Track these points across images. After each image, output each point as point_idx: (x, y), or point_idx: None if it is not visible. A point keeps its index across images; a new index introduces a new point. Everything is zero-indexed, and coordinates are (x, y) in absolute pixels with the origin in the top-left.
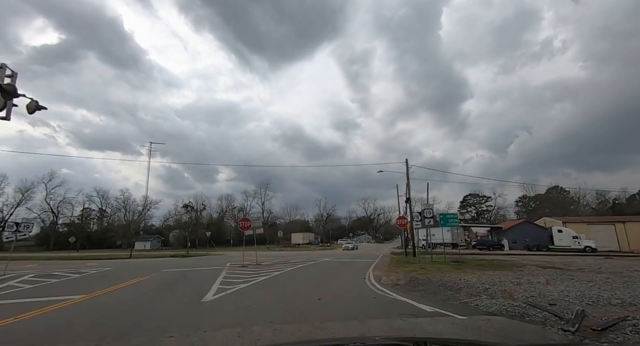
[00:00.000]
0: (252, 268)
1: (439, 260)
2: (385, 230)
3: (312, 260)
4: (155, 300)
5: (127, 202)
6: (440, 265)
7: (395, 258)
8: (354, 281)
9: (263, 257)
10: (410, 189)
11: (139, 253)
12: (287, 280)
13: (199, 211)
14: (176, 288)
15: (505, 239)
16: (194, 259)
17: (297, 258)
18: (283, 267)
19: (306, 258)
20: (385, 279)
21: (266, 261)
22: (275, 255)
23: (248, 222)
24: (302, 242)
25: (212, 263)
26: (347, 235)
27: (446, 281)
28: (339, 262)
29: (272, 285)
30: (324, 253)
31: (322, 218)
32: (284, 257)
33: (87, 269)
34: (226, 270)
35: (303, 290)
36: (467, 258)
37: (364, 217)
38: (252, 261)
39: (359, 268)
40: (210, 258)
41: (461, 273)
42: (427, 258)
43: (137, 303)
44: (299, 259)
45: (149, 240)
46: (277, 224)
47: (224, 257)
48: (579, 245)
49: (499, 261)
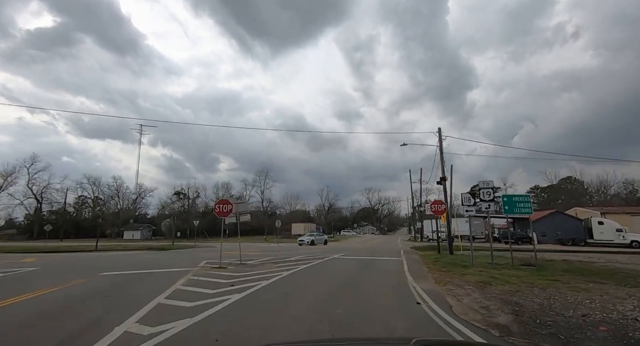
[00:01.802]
0: (230, 271)
1: (499, 262)
2: (388, 221)
3: (316, 257)
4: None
5: (119, 190)
6: (509, 270)
7: (425, 255)
8: (404, 311)
9: (255, 250)
10: (444, 169)
11: (117, 244)
12: (278, 305)
13: (192, 199)
14: (42, 328)
15: (533, 232)
16: (170, 254)
17: (296, 254)
18: (275, 271)
19: (307, 253)
20: (457, 306)
21: (255, 259)
22: (270, 249)
23: (228, 205)
24: (303, 232)
25: (183, 262)
26: (349, 226)
27: (578, 311)
28: (354, 262)
29: (242, 323)
30: (329, 247)
31: (324, 208)
32: (280, 252)
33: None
34: (190, 276)
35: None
36: (522, 257)
37: (368, 208)
38: (244, 257)
39: (390, 275)
40: (190, 252)
41: (576, 291)
42: (463, 255)
43: None
44: (298, 255)
45: (139, 229)
46: (277, 214)
47: (208, 251)
48: (623, 239)
49: (582, 263)
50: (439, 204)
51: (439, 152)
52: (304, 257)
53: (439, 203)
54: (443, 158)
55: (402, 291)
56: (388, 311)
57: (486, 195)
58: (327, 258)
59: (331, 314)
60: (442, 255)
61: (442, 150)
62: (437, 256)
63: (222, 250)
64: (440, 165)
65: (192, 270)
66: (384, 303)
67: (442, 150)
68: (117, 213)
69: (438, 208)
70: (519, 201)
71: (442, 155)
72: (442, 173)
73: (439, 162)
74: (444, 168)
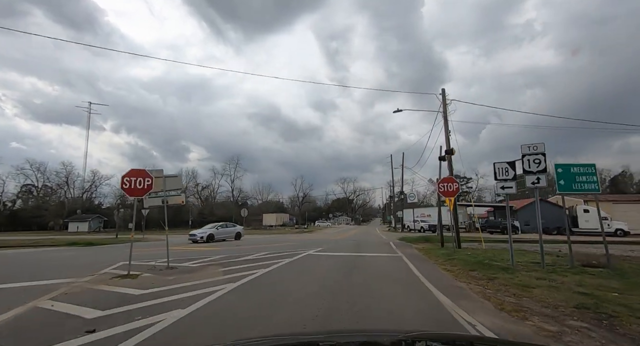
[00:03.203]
0: (135, 285)
1: (535, 260)
2: (363, 212)
3: (286, 253)
4: None
5: (69, 177)
6: (580, 275)
7: (426, 250)
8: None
9: (208, 246)
10: (449, 139)
11: (34, 239)
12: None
13: None
14: None
15: (517, 221)
16: (91, 251)
17: (261, 250)
18: (214, 282)
19: (275, 248)
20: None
21: (199, 259)
22: (229, 244)
23: (145, 179)
24: (275, 223)
25: (87, 264)
26: (324, 216)
27: None
28: (337, 261)
29: None
30: (302, 239)
31: (297, 198)
32: (240, 247)
33: None
34: (47, 298)
35: None
36: (574, 252)
37: (343, 198)
38: (187, 256)
39: (403, 288)
40: (122, 248)
41: None
42: (477, 250)
43: None
44: (261, 252)
45: (87, 221)
46: (247, 204)
47: (151, 246)
48: (608, 227)
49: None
50: (449, 183)
51: (443, 118)
52: (267, 255)
53: (450, 182)
54: (448, 125)
55: (451, 323)
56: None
57: (534, 164)
58: (300, 255)
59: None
60: (448, 249)
61: (446, 117)
62: (445, 251)
63: (154, 247)
64: (445, 135)
65: (78, 282)
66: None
67: (447, 116)
68: (62, 203)
69: (448, 187)
70: (581, 173)
71: (447, 122)
72: (446, 145)
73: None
74: (449, 139)
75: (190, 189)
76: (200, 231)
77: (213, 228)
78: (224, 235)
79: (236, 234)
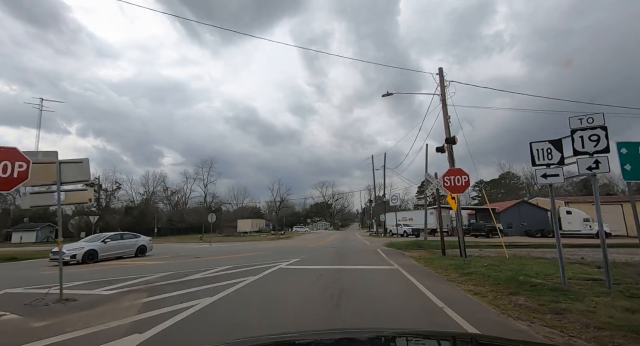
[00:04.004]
0: None
1: (588, 275)
2: (341, 217)
3: (251, 268)
4: None
5: None
6: None
7: (426, 259)
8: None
9: (158, 259)
10: (449, 126)
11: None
12: None
13: (110, 191)
14: None
15: (499, 223)
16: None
17: (222, 263)
18: (112, 335)
19: (241, 260)
20: None
21: (118, 285)
22: (188, 254)
23: (15, 162)
24: (250, 229)
25: None
26: (302, 221)
27: None
28: (321, 280)
29: None
30: (276, 246)
31: (275, 203)
32: (198, 260)
33: None
34: None
35: None
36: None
37: (322, 203)
38: (126, 274)
39: (429, 323)
40: (45, 263)
41: None
42: (481, 258)
43: None
44: (222, 266)
45: (35, 230)
46: (221, 210)
47: None
48: (590, 229)
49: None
50: (457, 175)
51: (441, 102)
52: (226, 271)
53: (458, 174)
54: (447, 110)
55: None
56: None
57: (589, 142)
58: (269, 270)
59: None
60: (453, 258)
61: (444, 100)
62: (451, 261)
63: None
64: (444, 121)
65: None
66: None
67: (445, 99)
68: (6, 210)
69: (456, 181)
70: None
71: (446, 107)
72: (446, 132)
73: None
74: (448, 126)
75: (158, 194)
76: (73, 247)
77: (97, 241)
78: (116, 251)
79: (138, 249)
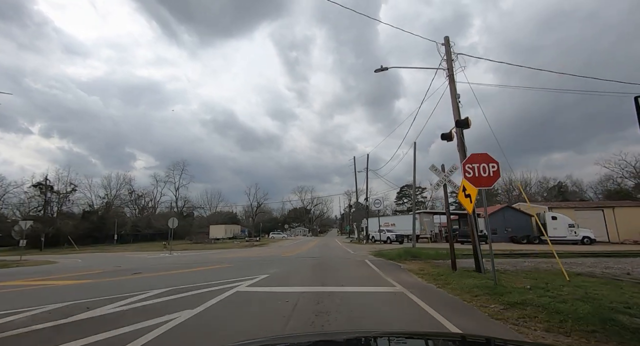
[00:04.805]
0: None
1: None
2: (320, 222)
3: (195, 292)
4: None
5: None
6: None
7: (433, 273)
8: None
9: (80, 276)
10: (458, 105)
11: None
12: None
13: (62, 194)
14: None
15: (482, 229)
16: None
17: (161, 283)
18: None
19: (188, 279)
20: None
21: (26, 313)
22: (132, 267)
23: None
24: (223, 235)
25: None
26: (280, 227)
27: None
28: (295, 319)
29: None
30: (246, 256)
31: (251, 208)
32: (133, 278)
33: None
34: None
35: None
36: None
37: (300, 208)
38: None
39: None
40: None
41: None
42: (506, 273)
43: None
44: (157, 288)
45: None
46: (193, 215)
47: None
48: (575, 235)
49: None
50: (483, 162)
51: (447, 78)
52: (154, 299)
53: (484, 161)
54: (455, 87)
55: None
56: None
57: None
58: (216, 298)
59: None
60: (470, 273)
61: (452, 75)
62: (473, 280)
63: None
64: (452, 100)
65: None
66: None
67: (453, 74)
68: None
69: (481, 171)
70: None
71: (454, 83)
72: (455, 114)
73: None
74: (457, 106)
75: (123, 197)
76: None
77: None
78: None
79: None
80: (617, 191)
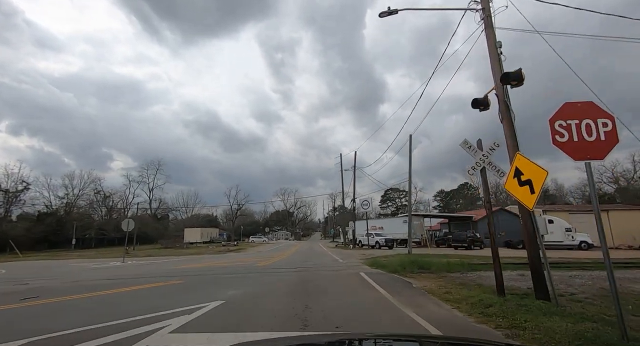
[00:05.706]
0: None
1: None
2: (303, 226)
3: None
4: None
5: None
6: None
7: (462, 297)
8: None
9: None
10: (501, 59)
11: None
12: None
13: (12, 193)
14: None
15: (477, 233)
16: None
17: (48, 318)
18: None
19: (99, 310)
20: None
21: None
22: (44, 285)
23: None
24: (200, 239)
25: None
26: (261, 231)
27: None
28: None
29: None
30: (215, 266)
31: (231, 211)
32: (18, 306)
33: None
34: None
35: None
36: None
37: (283, 211)
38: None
39: None
40: None
41: None
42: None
43: None
44: (24, 334)
45: None
46: (169, 217)
47: None
48: (572, 239)
49: None
50: (586, 117)
51: (483, 23)
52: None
53: (588, 116)
54: (494, 33)
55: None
56: None
57: None
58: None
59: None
60: (533, 305)
61: (489, 14)
62: (560, 323)
63: None
64: (489, 50)
65: None
66: None
67: (491, 14)
68: None
69: (584, 131)
70: None
71: (493, 28)
72: (495, 67)
73: None
74: (499, 58)
75: (87, 198)
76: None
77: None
78: None
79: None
80: (599, 196)
